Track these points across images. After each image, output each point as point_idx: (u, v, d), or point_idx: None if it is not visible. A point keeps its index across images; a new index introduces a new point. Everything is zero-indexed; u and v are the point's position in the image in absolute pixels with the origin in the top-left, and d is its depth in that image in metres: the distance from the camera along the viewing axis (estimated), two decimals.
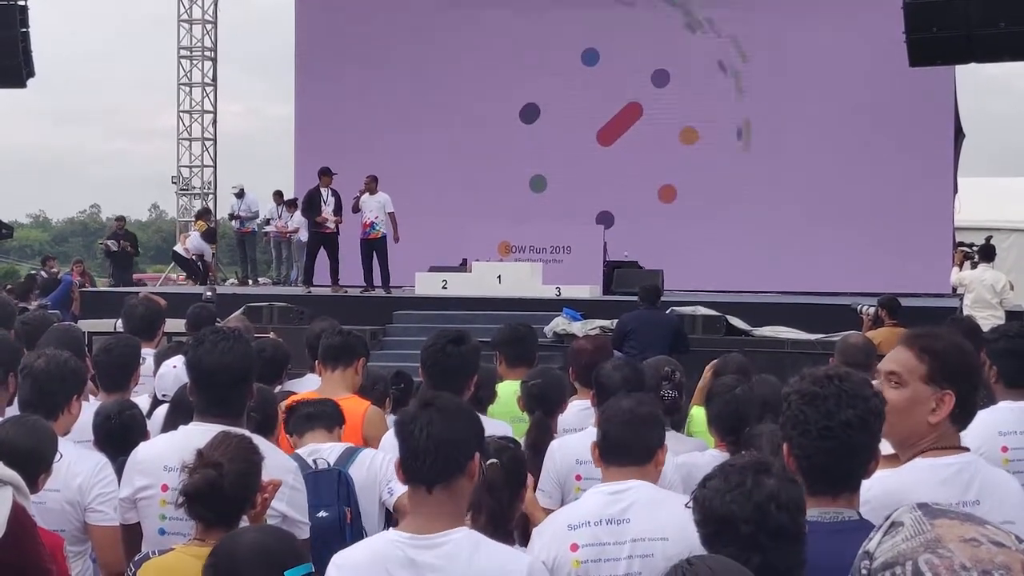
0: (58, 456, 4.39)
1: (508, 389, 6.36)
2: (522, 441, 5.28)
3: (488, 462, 4.17)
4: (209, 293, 16.84)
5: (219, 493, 3.74)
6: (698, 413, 6.45)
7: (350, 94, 25.38)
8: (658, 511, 3.94)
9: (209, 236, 24.76)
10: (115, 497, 4.57)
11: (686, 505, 3.05)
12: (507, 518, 4.25)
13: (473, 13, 25.03)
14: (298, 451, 5.07)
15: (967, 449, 3.61)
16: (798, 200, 23.41)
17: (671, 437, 4.76)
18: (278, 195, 25.41)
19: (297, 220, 24.79)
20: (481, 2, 25.18)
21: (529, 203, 24.67)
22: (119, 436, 5.17)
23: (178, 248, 25.64)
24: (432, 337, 5.43)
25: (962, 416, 3.54)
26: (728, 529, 2.90)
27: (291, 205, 25.22)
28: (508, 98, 24.99)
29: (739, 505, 2.91)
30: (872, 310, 13.13)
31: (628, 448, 4.12)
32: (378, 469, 5.01)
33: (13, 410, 5.07)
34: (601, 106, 24.65)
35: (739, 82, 24.12)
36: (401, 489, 4.42)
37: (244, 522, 3.81)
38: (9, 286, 22.08)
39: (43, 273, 24.47)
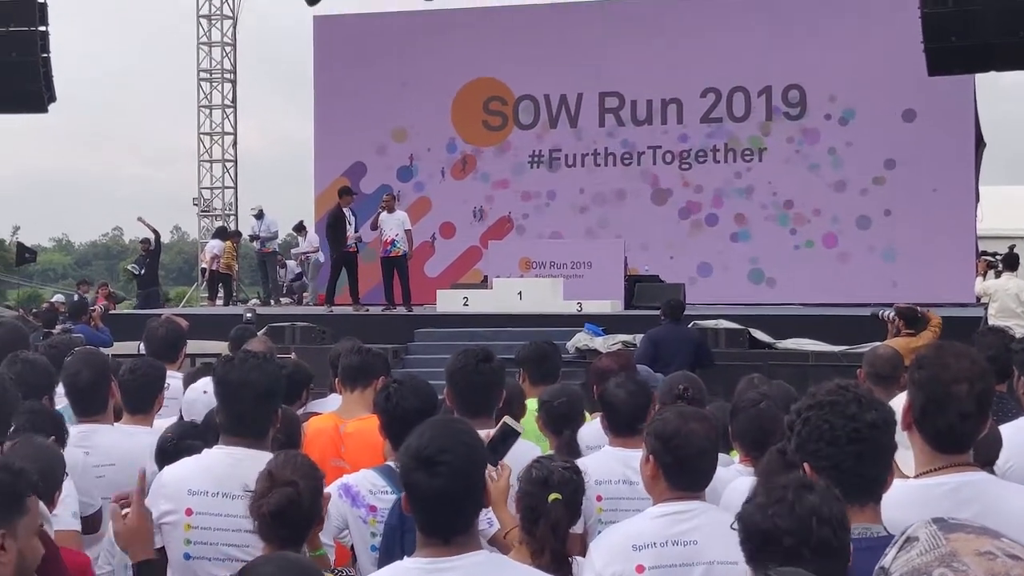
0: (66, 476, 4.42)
1: (530, 407, 6.36)
2: None
3: (551, 498, 4.12)
4: (249, 314, 16.91)
5: (298, 511, 3.75)
6: None
7: (368, 113, 25.48)
8: (728, 534, 3.87)
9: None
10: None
11: (732, 526, 3.04)
12: (566, 552, 4.21)
13: (491, 33, 25.12)
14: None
15: (973, 466, 3.53)
16: (821, 211, 23.41)
17: None
18: (299, 227, 25.91)
19: (311, 240, 25.04)
20: (498, 22, 25.27)
21: (548, 218, 24.74)
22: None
23: (203, 265, 25.98)
24: (459, 356, 5.34)
25: (929, 430, 3.48)
26: (771, 544, 2.91)
27: (300, 228, 25.50)
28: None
29: (782, 519, 2.91)
30: (891, 314, 13.05)
31: (704, 474, 4.07)
32: None
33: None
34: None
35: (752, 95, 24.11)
36: (498, 524, 4.41)
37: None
38: (34, 311, 22.18)
39: (76, 296, 24.78)
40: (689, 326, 15.10)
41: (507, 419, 4.62)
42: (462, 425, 3.46)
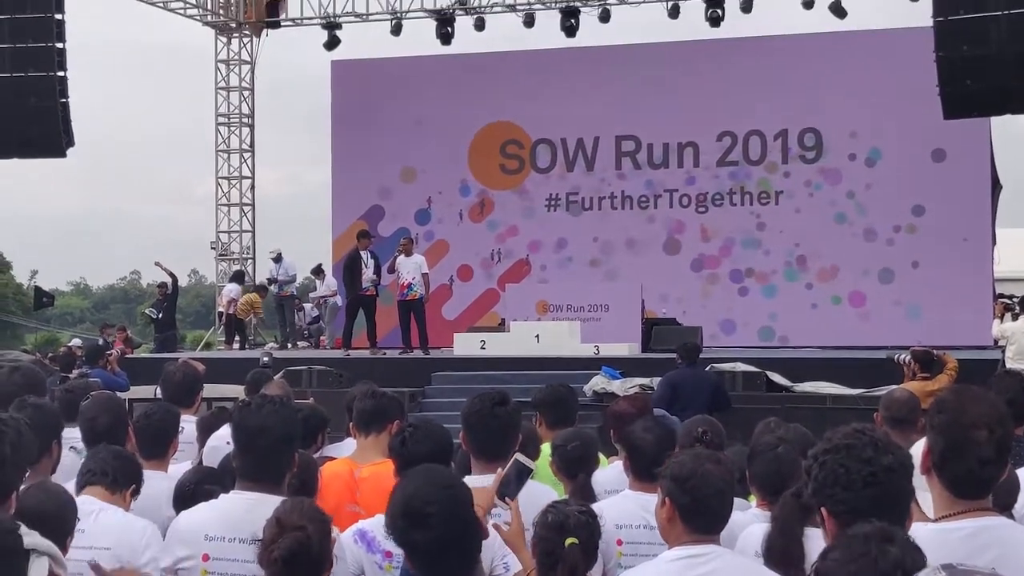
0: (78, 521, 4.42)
1: (544, 451, 6.35)
2: None
3: (568, 542, 4.10)
4: (266, 358, 16.95)
5: (308, 556, 3.74)
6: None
7: (386, 157, 25.61)
8: None
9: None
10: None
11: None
12: None
13: (507, 77, 25.23)
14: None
15: (992, 511, 3.50)
16: (837, 254, 23.36)
17: None
18: (317, 270, 26.01)
19: (329, 284, 25.12)
20: (514, 66, 25.40)
21: (565, 261, 24.79)
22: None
23: (220, 309, 26.09)
24: (475, 399, 5.33)
25: (948, 475, 3.46)
26: None
27: (318, 271, 25.57)
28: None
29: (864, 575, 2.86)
30: (907, 357, 13.03)
31: (720, 517, 4.05)
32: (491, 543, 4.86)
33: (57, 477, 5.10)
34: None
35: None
36: (517, 566, 4.39)
37: None
38: (51, 355, 22.24)
39: (100, 340, 25.00)
40: (706, 369, 15.08)
41: (519, 456, 4.62)
42: (439, 471, 3.48)
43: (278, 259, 25.33)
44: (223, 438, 6.42)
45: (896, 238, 23.23)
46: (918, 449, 3.51)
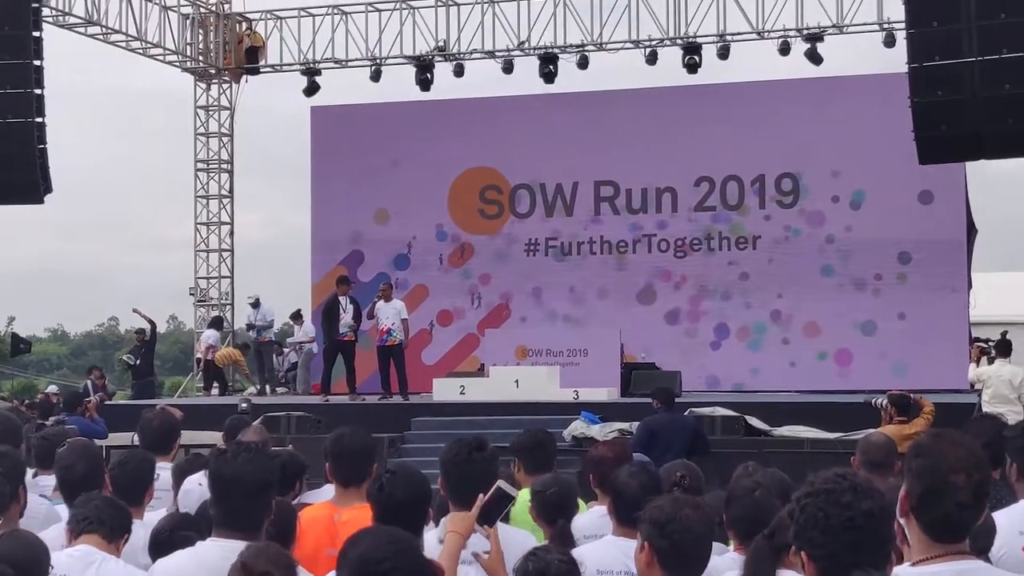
0: (51, 568, 4.41)
1: (523, 496, 6.33)
2: None
3: None
4: (245, 404, 16.89)
5: None
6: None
7: (365, 202, 25.64)
8: None
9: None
10: None
11: None
12: None
13: (486, 123, 25.33)
14: None
15: (970, 554, 3.52)
16: (814, 298, 23.40)
17: None
18: (295, 316, 25.98)
19: (307, 330, 25.11)
20: (493, 112, 25.51)
21: (544, 306, 24.80)
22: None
23: (199, 356, 26.03)
24: (452, 446, 5.35)
25: (926, 519, 3.46)
26: None
27: (297, 317, 25.55)
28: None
29: None
30: (884, 401, 13.08)
31: (699, 561, 4.05)
32: None
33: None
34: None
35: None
36: None
37: None
38: (27, 402, 22.16)
39: (89, 382, 25.07)
40: (685, 413, 15.10)
41: (501, 483, 4.62)
42: (385, 529, 3.51)
43: (256, 304, 25.31)
44: (195, 480, 6.41)
45: (881, 287, 23.23)
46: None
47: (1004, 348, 17.21)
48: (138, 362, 25.50)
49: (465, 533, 4.39)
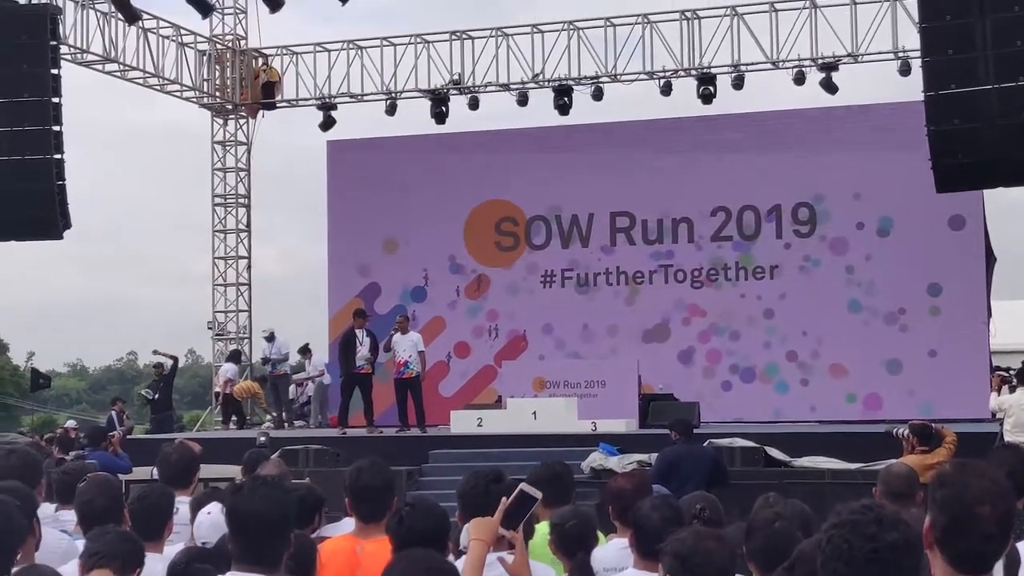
0: None
1: (542, 529, 6.31)
2: None
3: None
4: (263, 438, 16.92)
5: None
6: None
7: (382, 235, 25.70)
8: None
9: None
10: None
11: None
12: None
13: (501, 155, 25.38)
14: None
15: None
16: (835, 330, 23.26)
17: None
18: (303, 350, 26.07)
19: (316, 364, 25.17)
20: (508, 144, 25.56)
21: (562, 337, 24.76)
22: None
23: (217, 390, 26.12)
24: (470, 478, 5.36)
25: (951, 551, 3.41)
26: None
27: (305, 351, 25.56)
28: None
29: None
30: (905, 431, 13.01)
31: None
32: None
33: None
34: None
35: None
36: None
37: None
38: (48, 436, 22.21)
39: (113, 414, 25.25)
40: (705, 444, 15.03)
41: (524, 485, 4.62)
42: (420, 555, 3.49)
43: (271, 338, 25.38)
44: (205, 511, 6.41)
45: (909, 323, 22.89)
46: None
47: None
48: (157, 396, 25.57)
49: (489, 540, 4.39)
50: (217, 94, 27.96)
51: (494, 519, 4.49)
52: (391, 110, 26.71)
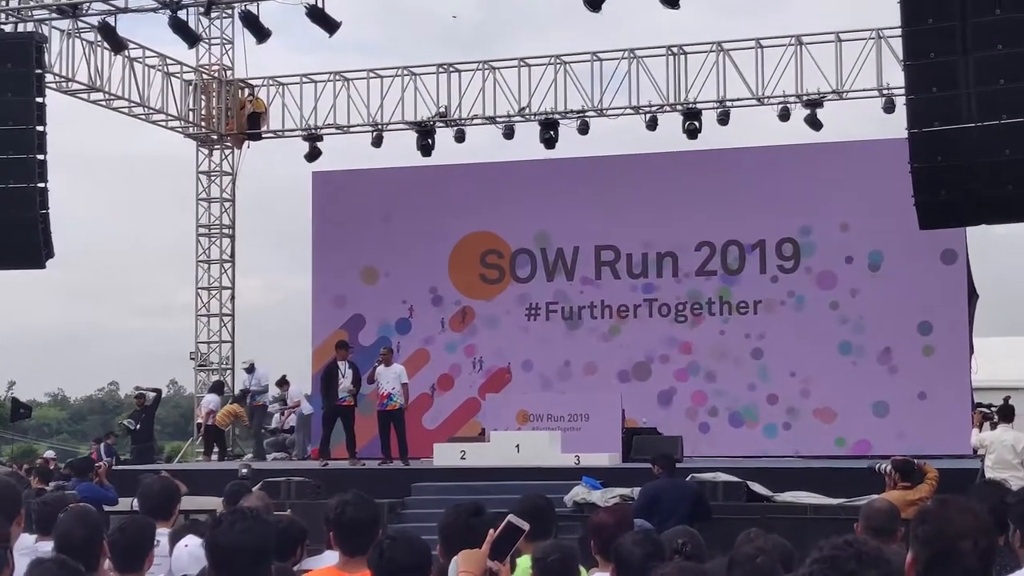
0: None
1: (524, 564, 6.28)
2: None
3: None
4: (245, 470, 16.88)
5: None
6: None
7: (366, 267, 25.68)
8: None
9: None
10: None
11: None
12: None
13: (486, 188, 25.41)
14: None
15: None
16: (823, 371, 23.21)
17: None
18: (281, 381, 26.00)
19: (292, 395, 25.13)
20: (493, 177, 25.61)
21: (545, 370, 24.73)
22: None
23: (199, 420, 26.05)
24: (450, 511, 5.38)
25: None
26: None
27: (283, 382, 25.50)
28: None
29: None
30: (888, 467, 13.04)
31: None
32: None
33: None
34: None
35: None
36: None
37: None
38: (27, 466, 22.08)
39: (103, 446, 25.23)
40: (687, 479, 15.03)
41: (512, 516, 4.61)
42: None
43: (250, 369, 25.39)
44: (182, 544, 6.38)
45: (899, 364, 22.87)
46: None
47: (1007, 413, 17.15)
48: (138, 427, 25.48)
49: (478, 572, 4.38)
50: (203, 124, 27.97)
51: (482, 551, 4.48)
52: (377, 142, 26.76)
